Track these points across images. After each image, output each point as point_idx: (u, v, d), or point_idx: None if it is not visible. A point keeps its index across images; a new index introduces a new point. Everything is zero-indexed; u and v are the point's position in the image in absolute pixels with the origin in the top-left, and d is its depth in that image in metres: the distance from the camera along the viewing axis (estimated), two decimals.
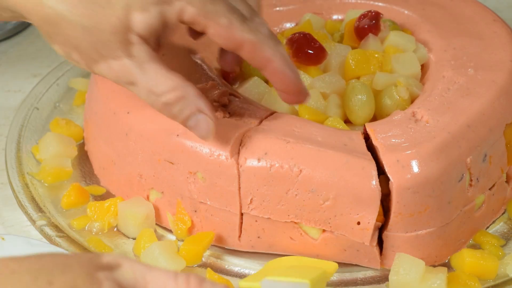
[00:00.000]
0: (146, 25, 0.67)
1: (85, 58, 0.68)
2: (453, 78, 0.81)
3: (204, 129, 0.69)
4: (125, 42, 0.67)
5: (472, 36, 0.86)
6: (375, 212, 0.72)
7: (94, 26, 0.67)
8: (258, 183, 0.73)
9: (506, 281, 0.75)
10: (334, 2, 0.95)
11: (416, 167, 0.73)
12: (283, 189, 0.73)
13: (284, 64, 0.71)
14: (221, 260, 0.78)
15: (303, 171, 0.72)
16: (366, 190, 0.72)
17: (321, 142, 0.73)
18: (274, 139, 0.73)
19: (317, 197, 0.72)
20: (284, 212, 0.74)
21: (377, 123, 0.78)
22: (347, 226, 0.73)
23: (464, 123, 0.76)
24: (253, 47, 0.69)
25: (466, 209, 0.77)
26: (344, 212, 0.72)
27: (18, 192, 0.83)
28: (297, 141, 0.73)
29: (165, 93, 0.68)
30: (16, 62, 1.07)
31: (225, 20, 0.68)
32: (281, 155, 0.73)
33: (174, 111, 0.69)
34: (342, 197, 0.72)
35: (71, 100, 0.97)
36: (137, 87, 0.68)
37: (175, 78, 0.68)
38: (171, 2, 0.67)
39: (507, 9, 1.18)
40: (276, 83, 0.73)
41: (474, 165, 0.76)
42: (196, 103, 0.69)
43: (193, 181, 0.77)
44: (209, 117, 0.69)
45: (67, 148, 0.88)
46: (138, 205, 0.80)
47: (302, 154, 0.73)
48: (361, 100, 0.80)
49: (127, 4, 0.67)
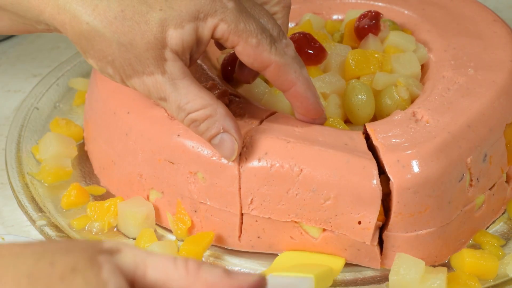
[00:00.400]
0: (180, 42, 0.68)
1: (120, 72, 0.70)
2: (453, 78, 0.81)
3: (228, 148, 0.71)
4: (159, 58, 0.68)
5: (472, 36, 0.86)
6: (376, 212, 0.72)
7: (129, 42, 0.68)
8: (258, 183, 0.73)
9: (506, 281, 0.74)
10: (334, 2, 0.95)
11: (417, 167, 0.73)
12: (284, 189, 0.73)
13: (306, 88, 0.73)
14: (221, 260, 0.78)
15: (304, 171, 0.72)
16: (367, 190, 0.71)
17: (322, 142, 0.73)
18: (275, 139, 0.73)
19: (318, 197, 0.72)
20: (285, 212, 0.73)
21: (377, 123, 0.78)
22: (348, 225, 0.73)
23: (464, 123, 0.76)
24: (278, 69, 0.71)
25: (466, 209, 0.77)
26: (345, 212, 0.72)
27: (18, 192, 0.83)
28: (297, 141, 0.73)
29: (194, 110, 0.69)
30: (16, 62, 1.07)
31: (254, 40, 0.69)
32: (282, 155, 0.73)
33: (201, 128, 0.71)
34: (343, 196, 0.72)
35: (71, 100, 0.97)
36: (168, 103, 0.70)
37: (205, 96, 0.70)
38: (206, 18, 0.68)
39: (507, 9, 1.18)
40: (297, 106, 0.74)
41: (474, 165, 0.76)
42: (223, 123, 0.70)
43: (194, 181, 0.77)
44: (234, 138, 0.71)
45: (67, 148, 0.88)
46: (138, 205, 0.80)
47: (302, 154, 0.72)
48: (361, 100, 0.80)
49: (163, 20, 0.68)
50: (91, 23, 0.68)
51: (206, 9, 0.68)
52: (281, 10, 0.76)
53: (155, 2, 0.68)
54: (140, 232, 0.79)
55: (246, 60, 0.71)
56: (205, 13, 0.68)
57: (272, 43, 0.70)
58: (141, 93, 0.71)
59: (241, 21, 0.69)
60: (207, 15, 0.68)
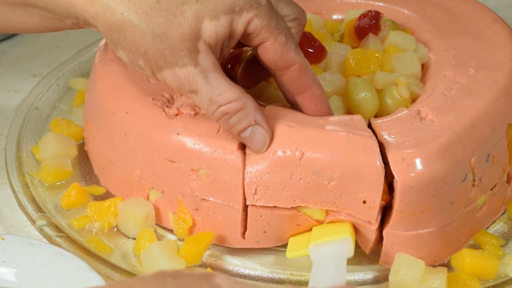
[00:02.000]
0: (214, 34, 0.69)
1: (151, 64, 0.70)
2: (454, 78, 0.81)
3: (259, 141, 0.72)
4: (193, 49, 0.69)
5: (472, 36, 0.86)
6: (379, 190, 0.72)
7: (163, 33, 0.68)
8: (261, 171, 0.73)
9: (506, 281, 0.75)
10: (334, 2, 0.95)
11: (421, 166, 0.73)
12: (287, 175, 0.73)
13: (322, 92, 0.75)
14: (221, 260, 0.78)
15: (305, 154, 0.72)
16: (369, 168, 0.71)
17: (322, 124, 0.74)
18: (278, 125, 0.74)
19: (322, 178, 0.72)
20: (289, 198, 0.73)
21: (382, 120, 0.77)
22: (353, 205, 0.73)
23: (468, 123, 0.76)
24: (302, 69, 0.73)
25: (467, 210, 0.77)
26: (350, 191, 0.72)
27: (18, 192, 0.83)
28: (299, 125, 0.73)
29: (226, 103, 0.70)
30: (16, 62, 1.07)
31: (284, 38, 0.71)
32: (283, 140, 0.73)
33: (232, 121, 0.71)
34: (346, 176, 0.72)
35: (71, 100, 0.97)
36: (199, 95, 0.70)
37: (236, 89, 0.71)
38: (241, 12, 0.69)
39: (507, 9, 1.18)
40: (311, 109, 0.75)
41: (478, 165, 0.76)
42: (254, 115, 0.71)
43: (196, 178, 0.77)
44: (265, 130, 0.72)
45: (67, 148, 0.88)
46: (138, 205, 0.80)
47: (303, 137, 0.73)
48: (366, 96, 0.79)
49: (199, 12, 0.68)
50: (126, 14, 0.68)
51: (242, 3, 0.69)
52: (296, 27, 0.76)
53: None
54: (140, 232, 0.79)
55: (272, 57, 0.71)
56: (241, 7, 0.69)
57: (296, 44, 0.72)
58: (170, 86, 0.71)
59: (273, 18, 0.70)
60: (242, 9, 0.69)
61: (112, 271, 0.75)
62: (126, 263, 0.77)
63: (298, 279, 0.76)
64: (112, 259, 0.77)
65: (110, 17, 0.69)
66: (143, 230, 0.79)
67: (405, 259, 0.73)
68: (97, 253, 0.77)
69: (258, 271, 0.77)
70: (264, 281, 0.76)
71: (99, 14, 0.69)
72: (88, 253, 0.77)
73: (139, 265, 0.77)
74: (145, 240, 0.78)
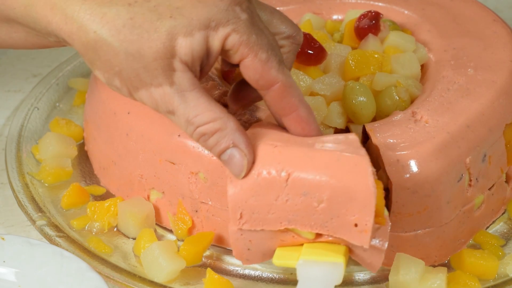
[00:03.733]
0: (190, 51, 0.65)
1: (127, 84, 0.67)
2: (453, 78, 0.81)
3: (237, 165, 0.67)
4: (167, 68, 0.65)
5: (472, 36, 0.87)
6: (371, 212, 0.66)
7: (137, 51, 0.65)
8: (245, 194, 0.67)
9: (506, 281, 0.75)
10: (334, 2, 0.95)
11: (415, 167, 0.73)
12: (272, 197, 0.67)
13: (309, 113, 0.69)
14: (221, 260, 0.78)
15: (292, 175, 0.66)
16: (360, 188, 0.65)
17: (311, 144, 0.69)
18: (262, 145, 0.68)
19: (311, 200, 0.67)
20: (276, 221, 0.68)
21: (377, 123, 0.78)
22: (345, 228, 0.67)
23: (463, 123, 0.76)
24: (284, 89, 0.67)
25: (465, 209, 0.77)
26: (341, 214, 0.66)
27: (18, 192, 0.83)
28: (285, 144, 0.68)
29: (204, 124, 0.66)
30: (16, 62, 1.07)
31: (265, 55, 0.66)
32: (268, 160, 0.67)
33: (210, 143, 0.67)
34: (337, 197, 0.66)
35: (71, 100, 0.97)
36: (176, 116, 0.66)
37: (215, 109, 0.66)
38: (217, 27, 0.65)
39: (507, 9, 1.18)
40: (297, 132, 0.70)
41: (474, 165, 0.76)
42: (233, 137, 0.67)
43: (195, 181, 0.77)
44: (244, 154, 0.67)
45: (67, 148, 0.88)
46: (138, 205, 0.80)
47: (290, 157, 0.67)
48: (363, 101, 0.79)
49: (172, 28, 0.65)
50: (99, 32, 0.65)
51: (218, 18, 0.65)
52: (289, 45, 0.73)
53: (166, 9, 0.65)
54: (140, 232, 0.79)
55: (252, 75, 0.67)
56: (217, 22, 0.65)
57: (280, 62, 0.67)
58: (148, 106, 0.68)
59: (253, 33, 0.66)
60: (218, 24, 0.65)
61: (112, 271, 0.75)
62: (126, 263, 0.77)
63: None
64: (112, 259, 0.77)
65: (83, 36, 0.66)
66: (143, 230, 0.79)
67: (405, 259, 0.73)
68: (97, 253, 0.77)
69: (258, 271, 0.77)
70: (264, 281, 0.76)
71: (73, 33, 0.66)
72: (88, 253, 0.77)
73: (139, 265, 0.77)
74: (145, 240, 0.78)
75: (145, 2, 0.66)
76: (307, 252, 0.67)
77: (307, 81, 0.82)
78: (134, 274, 0.75)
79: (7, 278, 0.73)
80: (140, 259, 0.77)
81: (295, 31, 0.73)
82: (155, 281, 0.74)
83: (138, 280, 0.74)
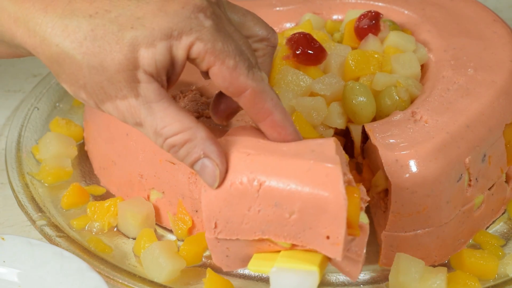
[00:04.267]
0: (153, 62, 0.64)
1: (93, 97, 0.65)
2: (452, 78, 0.81)
3: (210, 175, 0.65)
4: (131, 80, 0.64)
5: (472, 36, 0.87)
6: (342, 225, 0.63)
7: (100, 64, 0.63)
8: (219, 204, 0.66)
9: (506, 281, 0.75)
10: (334, 2, 0.95)
11: (415, 167, 0.73)
12: (245, 207, 0.65)
13: (284, 118, 0.67)
14: None
15: (264, 185, 0.64)
16: (331, 200, 0.63)
17: (285, 152, 0.66)
18: (235, 153, 0.66)
19: (282, 211, 0.64)
20: (250, 231, 0.66)
21: (376, 123, 0.78)
22: (317, 240, 0.65)
23: (463, 123, 0.76)
24: (255, 95, 0.65)
25: (465, 209, 0.77)
26: (313, 226, 0.64)
27: (18, 192, 0.83)
28: (259, 152, 0.66)
29: (172, 135, 0.64)
30: (16, 62, 1.07)
31: (232, 62, 0.64)
32: (240, 169, 0.65)
33: (180, 154, 0.65)
34: (308, 208, 0.64)
35: (71, 100, 0.97)
36: (144, 128, 0.65)
37: (184, 119, 0.65)
38: (180, 36, 0.64)
39: (507, 9, 1.18)
40: (274, 137, 0.67)
41: (473, 165, 0.76)
42: (204, 147, 0.65)
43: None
44: (216, 163, 0.65)
45: (67, 148, 0.88)
46: (138, 205, 0.80)
47: (262, 166, 0.65)
48: (362, 101, 0.79)
49: (134, 39, 0.63)
50: (61, 45, 0.64)
51: (181, 26, 0.64)
52: (264, 48, 0.71)
53: (127, 20, 0.64)
54: (140, 232, 0.79)
55: (221, 83, 0.65)
56: (179, 31, 0.63)
57: (250, 67, 0.65)
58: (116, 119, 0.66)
59: (219, 40, 0.64)
60: (181, 33, 0.64)
61: (112, 271, 0.75)
62: (126, 263, 0.77)
63: None
64: (112, 259, 0.77)
65: (47, 49, 0.65)
66: (143, 230, 0.79)
67: (405, 259, 0.73)
68: (97, 253, 0.77)
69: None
70: (264, 281, 0.76)
71: (37, 46, 0.65)
72: (88, 253, 0.77)
73: (139, 265, 0.77)
74: (145, 240, 0.78)
75: (106, 13, 0.64)
76: (282, 260, 0.65)
77: (307, 81, 0.82)
78: (134, 274, 0.75)
79: (7, 278, 0.73)
80: (140, 259, 0.77)
81: (269, 33, 0.71)
82: (155, 281, 0.74)
83: (138, 280, 0.74)
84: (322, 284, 0.75)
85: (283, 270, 0.64)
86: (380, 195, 0.76)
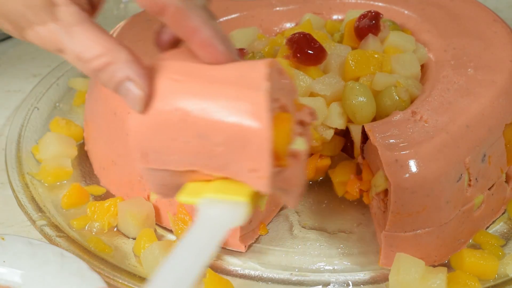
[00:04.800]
0: None
1: (15, 26, 0.63)
2: (452, 78, 0.81)
3: (134, 99, 0.61)
4: (49, 3, 0.61)
5: (472, 36, 0.87)
6: (266, 157, 0.58)
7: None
8: (146, 133, 0.61)
9: (506, 281, 0.75)
10: (334, 2, 0.95)
11: (414, 167, 0.73)
12: (171, 137, 0.61)
13: (214, 35, 0.61)
14: (221, 260, 0.78)
15: (188, 115, 0.60)
16: (254, 131, 0.58)
17: (213, 76, 0.60)
18: (163, 78, 0.61)
19: (207, 143, 0.60)
20: (179, 162, 0.61)
21: (376, 123, 0.78)
22: (244, 173, 0.60)
23: (463, 123, 0.76)
24: (178, 13, 0.61)
25: (465, 209, 0.77)
26: (238, 159, 0.59)
27: (18, 192, 0.83)
28: (187, 78, 0.61)
29: (93, 59, 0.61)
30: (16, 62, 1.08)
31: None
32: (166, 97, 0.61)
33: (103, 78, 0.62)
34: (233, 140, 0.59)
35: (71, 100, 0.97)
36: (66, 54, 0.62)
37: (104, 42, 0.61)
38: None
39: (507, 9, 1.18)
40: (205, 57, 0.62)
41: (473, 165, 0.76)
42: (127, 70, 0.61)
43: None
44: (140, 86, 0.61)
45: (67, 148, 0.88)
46: (138, 205, 0.80)
47: (187, 93, 0.60)
48: (362, 101, 0.79)
49: None
50: None
51: None
52: None
53: None
54: (140, 232, 0.79)
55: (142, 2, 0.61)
56: None
57: None
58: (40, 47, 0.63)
59: None
60: None
61: (112, 271, 0.75)
62: (126, 263, 0.77)
63: (298, 279, 0.76)
64: (112, 259, 0.77)
65: None
66: (143, 230, 0.79)
67: (405, 259, 0.73)
68: (97, 253, 0.77)
69: (258, 271, 0.77)
70: (264, 281, 0.76)
71: None
72: (88, 253, 0.77)
73: (139, 265, 0.77)
74: (145, 240, 0.78)
75: None
76: (212, 190, 0.61)
77: (307, 81, 0.82)
78: (134, 274, 0.75)
79: (7, 278, 0.73)
80: (140, 259, 0.77)
81: None
82: None
83: (138, 280, 0.74)
84: (322, 284, 0.75)
85: (212, 201, 0.60)
86: (380, 195, 0.76)
